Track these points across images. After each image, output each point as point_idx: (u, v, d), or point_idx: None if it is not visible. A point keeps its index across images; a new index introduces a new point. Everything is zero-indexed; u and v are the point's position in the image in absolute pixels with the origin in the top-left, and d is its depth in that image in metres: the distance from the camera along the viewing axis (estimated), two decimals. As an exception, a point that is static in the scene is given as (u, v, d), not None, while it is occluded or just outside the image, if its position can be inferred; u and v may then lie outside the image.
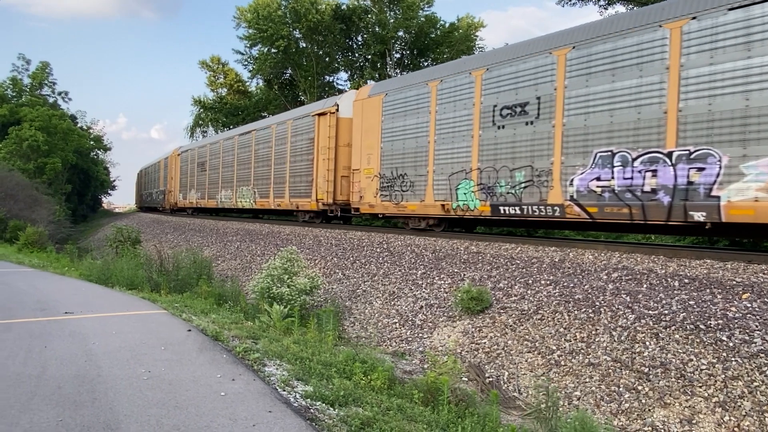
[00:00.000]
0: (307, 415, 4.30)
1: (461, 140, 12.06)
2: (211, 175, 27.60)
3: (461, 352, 7.80)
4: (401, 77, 14.02)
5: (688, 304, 6.60)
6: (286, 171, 19.51)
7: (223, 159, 26.09)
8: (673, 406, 5.45)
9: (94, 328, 6.94)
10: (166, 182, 37.03)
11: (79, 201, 51.05)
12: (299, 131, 18.80)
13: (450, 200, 12.29)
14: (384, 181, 14.25)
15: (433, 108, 12.85)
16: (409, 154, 13.48)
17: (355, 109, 15.73)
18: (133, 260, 13.89)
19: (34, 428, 3.76)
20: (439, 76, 12.90)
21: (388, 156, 14.15)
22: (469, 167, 11.86)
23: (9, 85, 44.46)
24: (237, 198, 23.93)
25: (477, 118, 11.70)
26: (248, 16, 34.41)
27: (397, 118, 13.91)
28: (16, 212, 26.05)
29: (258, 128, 22.85)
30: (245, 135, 23.82)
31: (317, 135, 17.39)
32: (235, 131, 26.22)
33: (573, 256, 9.50)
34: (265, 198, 21.18)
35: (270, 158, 20.96)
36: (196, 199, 29.77)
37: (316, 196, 17.20)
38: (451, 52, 33.58)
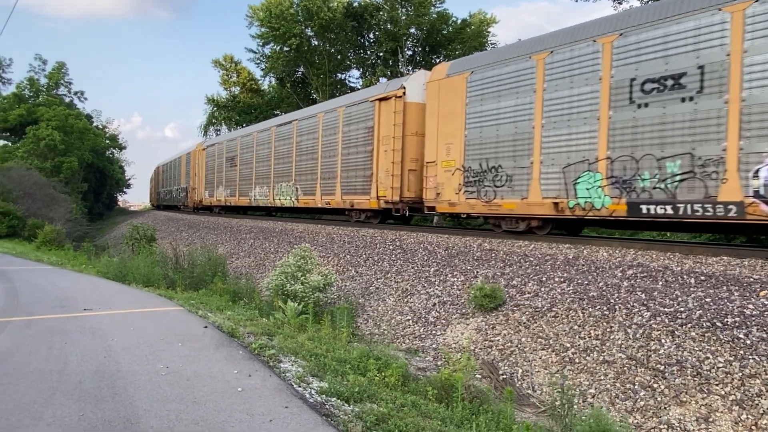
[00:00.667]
0: (323, 411, 4.34)
1: (581, 123, 9.97)
2: (243, 170, 25.31)
3: (475, 349, 7.81)
4: (491, 51, 11.48)
5: (705, 302, 6.54)
6: (336, 165, 17.21)
7: (257, 153, 23.77)
8: (690, 404, 5.42)
9: (112, 324, 7.05)
10: (188, 179, 34.94)
11: (95, 199, 51.70)
12: (354, 119, 16.47)
13: (565, 197, 10.22)
14: (469, 175, 12.12)
15: (539, 85, 10.71)
16: (505, 142, 11.36)
17: (429, 91, 13.60)
18: (149, 258, 14.07)
19: (56, 422, 3.84)
20: (548, 46, 10.68)
21: (475, 145, 12.02)
22: (593, 156, 9.77)
23: (26, 85, 45.11)
24: (275, 195, 21.68)
25: (605, 95, 9.63)
26: (260, 14, 34.55)
27: (487, 99, 11.73)
28: (34, 211, 26.46)
29: (300, 118, 20.30)
30: (284, 126, 21.49)
31: (377, 123, 15.19)
32: (272, 122, 24.04)
33: (587, 253, 9.45)
34: (310, 195, 18.95)
35: (316, 151, 18.61)
36: (224, 196, 27.47)
37: (377, 193, 15.08)
38: (463, 48, 33.45)
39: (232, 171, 26.70)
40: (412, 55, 36.00)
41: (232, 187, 26.69)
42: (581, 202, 10.02)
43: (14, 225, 24.29)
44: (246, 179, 24.94)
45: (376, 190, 15.20)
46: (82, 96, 51.79)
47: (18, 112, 39.60)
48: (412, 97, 14.52)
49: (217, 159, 29.03)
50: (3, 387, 4.51)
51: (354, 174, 16.38)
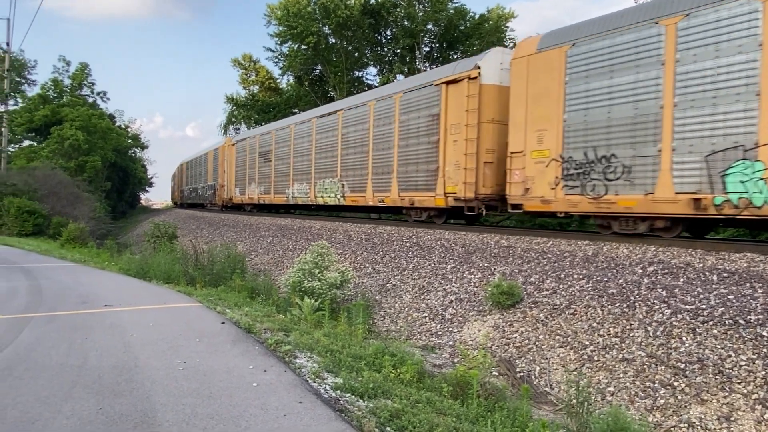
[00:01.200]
0: (337, 407, 4.35)
1: (732, 101, 8.19)
2: (279, 166, 23.39)
3: (492, 346, 7.76)
4: (598, 19, 10.23)
5: (727, 299, 6.41)
6: (392, 158, 15.35)
7: (294, 147, 21.90)
8: (711, 403, 5.31)
9: (132, 320, 7.16)
10: (216, 176, 32.97)
11: (118, 198, 52.52)
12: (414, 106, 14.64)
13: (710, 192, 8.41)
14: (570, 167, 10.36)
15: (669, 57, 8.94)
16: (621, 126, 9.63)
17: (514, 70, 11.66)
18: (170, 255, 14.25)
19: (75, 415, 3.92)
20: (681, 9, 8.88)
21: (579, 131, 10.26)
22: (751, 141, 7.97)
23: (51, 86, 45.91)
24: (316, 193, 19.78)
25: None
26: (278, 13, 34.75)
27: (595, 76, 9.99)
28: (58, 209, 26.97)
29: (347, 107, 18.36)
30: (327, 117, 19.48)
31: (445, 109, 13.40)
32: (312, 113, 21.92)
33: (607, 249, 9.32)
34: (359, 192, 17.03)
35: (366, 143, 16.64)
36: (258, 194, 25.66)
37: (444, 189, 13.30)
38: (481, 44, 33.20)
39: (267, 167, 24.84)
40: (429, 52, 35.87)
41: (266, 184, 24.88)
42: (733, 198, 8.14)
43: (40, 223, 24.79)
44: (282, 175, 23.15)
45: (443, 186, 13.34)
46: (104, 96, 52.52)
47: (43, 112, 40.33)
48: (487, 79, 12.62)
49: (249, 154, 27.17)
50: (25, 381, 4.61)
51: (414, 168, 14.51)
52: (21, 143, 43.77)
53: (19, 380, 4.63)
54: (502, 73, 12.62)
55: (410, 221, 15.44)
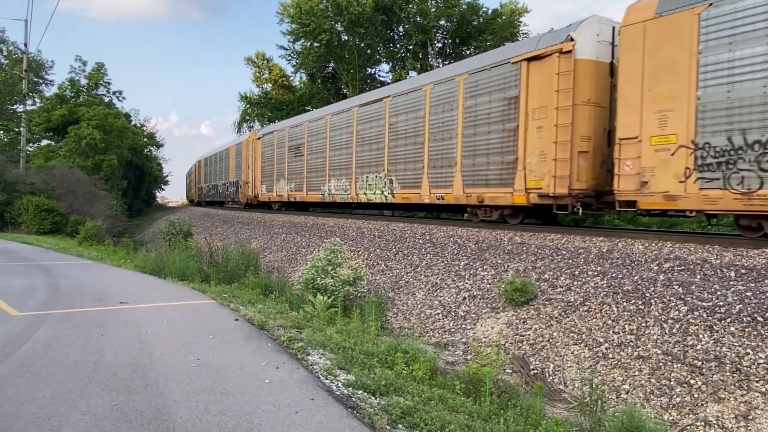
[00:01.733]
0: (349, 404, 4.36)
1: None
2: (313, 160, 21.36)
3: (505, 343, 7.72)
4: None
5: (745, 296, 6.30)
6: (454, 149, 13.43)
7: (331, 139, 19.90)
8: (728, 401, 5.23)
9: (147, 317, 7.24)
10: (240, 172, 30.88)
11: (134, 196, 53.13)
12: (483, 89, 12.66)
13: None
14: (706, 155, 8.61)
15: None
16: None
17: (624, 39, 9.87)
18: (185, 252, 14.36)
19: (91, 411, 3.96)
20: None
21: (719, 110, 8.44)
22: None
23: (68, 86, 46.57)
24: (357, 189, 17.85)
25: None
26: (291, 11, 34.79)
27: (743, 41, 8.14)
28: (76, 207, 27.35)
29: (395, 93, 16.27)
30: (372, 105, 17.36)
31: (525, 91, 11.55)
32: (352, 101, 19.91)
33: (622, 246, 9.21)
34: (413, 189, 15.15)
35: (421, 132, 14.77)
36: (288, 191, 23.68)
37: (525, 184, 11.49)
38: (494, 39, 32.98)
39: (298, 161, 22.77)
40: (442, 48, 35.71)
41: (297, 181, 22.87)
42: None
43: (57, 221, 25.15)
44: (317, 171, 21.12)
45: (523, 181, 11.50)
46: (120, 95, 53.20)
47: (60, 112, 40.92)
48: (582, 53, 10.76)
49: (278, 148, 25.07)
50: (41, 377, 4.68)
51: (484, 160, 12.58)
52: (39, 143, 44.50)
53: (36, 377, 4.70)
54: (598, 47, 10.85)
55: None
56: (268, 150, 26.63)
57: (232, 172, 33.53)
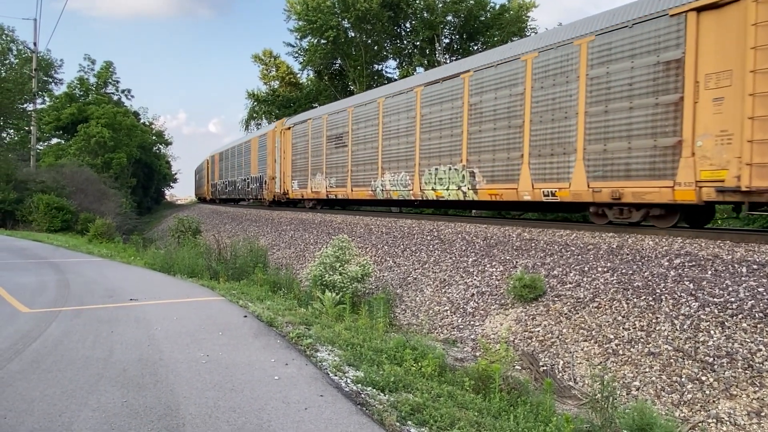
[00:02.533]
0: (358, 400, 4.35)
1: None
2: (361, 151, 18.21)
3: (514, 340, 7.69)
4: None
5: (757, 291, 6.23)
6: (574, 131, 10.72)
7: (385, 126, 16.74)
8: (740, 398, 5.18)
9: (156, 314, 7.27)
10: (264, 167, 27.68)
11: (143, 194, 53.41)
12: (617, 53, 10.02)
13: None
14: None
15: None
16: None
17: None
18: (194, 249, 14.43)
19: (101, 408, 3.98)
20: None
21: None
22: None
23: (77, 85, 46.86)
24: (423, 184, 14.98)
25: None
26: (298, 8, 34.78)
27: None
28: (86, 205, 27.53)
29: (477, 67, 13.23)
30: (443, 83, 14.30)
31: (694, 50, 8.85)
32: (413, 80, 16.59)
33: (632, 242, 9.14)
34: (505, 183, 12.21)
35: (519, 112, 11.90)
36: (327, 187, 20.58)
37: (695, 175, 8.76)
38: (502, 34, 32.82)
39: (340, 153, 19.68)
40: (449, 44, 35.57)
41: (339, 175, 19.79)
42: None
43: (68, 219, 25.34)
44: (365, 163, 17.93)
45: (692, 171, 8.83)
46: (129, 94, 53.49)
47: (69, 111, 41.19)
48: None
49: (313, 139, 21.91)
50: (52, 373, 4.71)
51: (623, 145, 9.87)
52: (49, 141, 44.86)
53: (47, 373, 4.72)
54: None
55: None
56: (300, 141, 23.22)
57: (253, 166, 30.06)
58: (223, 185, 38.28)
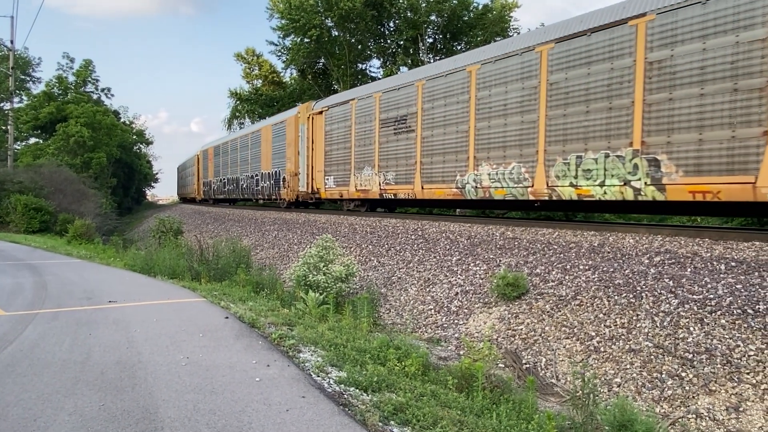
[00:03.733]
0: (341, 401, 4.32)
1: None
2: (436, 137, 13.93)
3: (497, 338, 7.71)
4: None
5: (735, 288, 6.32)
6: None
7: (479, 102, 12.63)
8: (719, 393, 5.25)
9: (136, 315, 7.16)
10: (281, 161, 23.07)
11: (124, 194, 52.72)
12: None
13: None
14: None
15: None
16: None
17: None
18: (175, 250, 14.27)
19: (77, 412, 3.90)
20: None
21: None
22: None
23: (55, 83, 46.07)
24: (554, 178, 10.90)
25: None
26: (280, 6, 34.59)
27: None
28: (65, 206, 27.08)
29: (660, 8, 9.12)
30: (595, 35, 10.14)
31: None
32: (532, 37, 11.90)
33: (613, 240, 9.23)
34: (730, 174, 8.24)
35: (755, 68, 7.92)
36: (381, 183, 16.05)
37: None
38: (485, 34, 32.98)
39: (402, 140, 15.15)
40: (432, 43, 35.65)
41: (401, 168, 15.27)
42: None
43: (46, 220, 24.91)
44: (447, 152, 13.66)
45: None
46: (108, 93, 52.75)
47: (48, 110, 40.47)
48: None
49: (358, 124, 17.30)
50: (27, 377, 4.61)
51: None
52: (27, 141, 44.04)
53: (22, 377, 4.62)
54: None
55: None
56: (337, 127, 18.60)
57: (265, 161, 25.20)
58: (221, 183, 33.63)
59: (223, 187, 32.93)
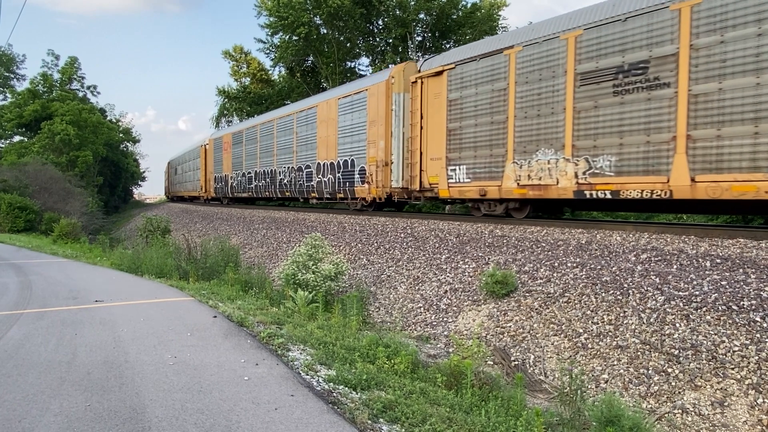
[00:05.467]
0: (330, 399, 4.31)
1: None
2: (726, 94, 8.19)
3: (486, 335, 7.75)
4: None
5: (720, 285, 6.40)
6: None
7: None
8: (704, 389, 5.31)
9: (123, 315, 7.09)
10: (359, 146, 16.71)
11: (110, 192, 52.23)
12: None
13: None
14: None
15: None
16: None
17: None
18: (163, 249, 14.15)
19: (63, 413, 3.86)
20: None
21: None
22: None
23: (40, 81, 45.49)
24: None
25: None
26: (269, 4, 34.39)
27: None
28: (50, 205, 26.79)
29: None
30: None
31: None
32: None
33: (600, 237, 9.30)
34: None
35: None
36: (580, 172, 10.22)
37: None
38: (474, 33, 33.04)
39: (631, 104, 9.48)
40: (421, 41, 35.65)
41: (632, 150, 9.48)
42: None
43: (31, 219, 24.63)
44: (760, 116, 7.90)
45: None
46: (94, 90, 52.23)
47: (32, 107, 39.96)
48: None
49: (524, 85, 11.31)
50: (12, 378, 4.55)
51: None
52: (11, 139, 43.45)
53: (6, 378, 4.56)
54: None
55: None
56: (475, 93, 12.52)
57: (325, 147, 18.88)
58: (243, 179, 26.69)
59: (248, 184, 26.00)
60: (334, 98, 18.59)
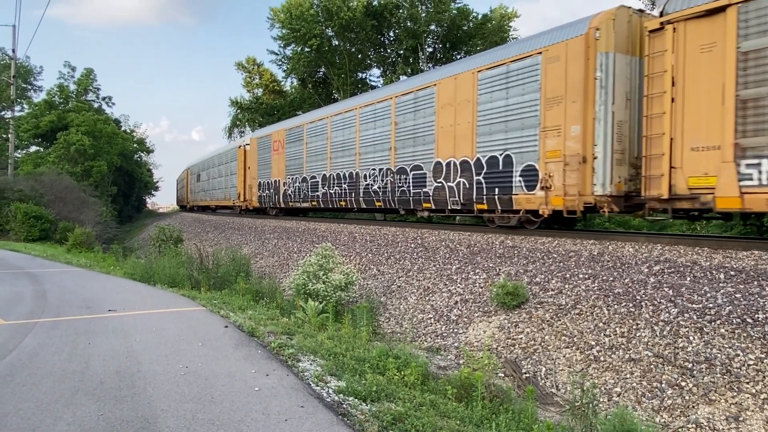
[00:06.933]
0: (340, 411, 4.31)
1: None
2: None
3: (497, 347, 7.70)
4: None
5: (735, 297, 6.32)
6: None
7: None
8: (719, 403, 5.24)
9: (135, 325, 7.15)
10: (516, 138, 11.61)
11: (124, 202, 52.69)
12: None
13: None
14: None
15: None
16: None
17: None
18: (175, 259, 14.25)
19: (76, 422, 3.89)
20: None
21: None
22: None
23: (57, 92, 46.19)
24: None
25: None
26: (281, 16, 34.80)
27: None
28: (65, 214, 27.05)
29: None
30: None
31: None
32: None
33: (612, 249, 9.24)
34: None
35: None
36: None
37: None
38: (485, 43, 33.14)
39: None
40: (432, 52, 35.82)
41: None
42: None
43: (46, 228, 24.88)
44: None
45: None
46: (109, 101, 52.88)
47: (49, 118, 40.54)
48: None
49: None
50: (27, 387, 4.60)
51: None
52: (27, 149, 44.11)
53: (21, 386, 4.61)
54: None
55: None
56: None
57: (448, 141, 13.68)
58: (305, 186, 21.43)
59: (311, 191, 20.87)
60: (469, 72, 13.19)
